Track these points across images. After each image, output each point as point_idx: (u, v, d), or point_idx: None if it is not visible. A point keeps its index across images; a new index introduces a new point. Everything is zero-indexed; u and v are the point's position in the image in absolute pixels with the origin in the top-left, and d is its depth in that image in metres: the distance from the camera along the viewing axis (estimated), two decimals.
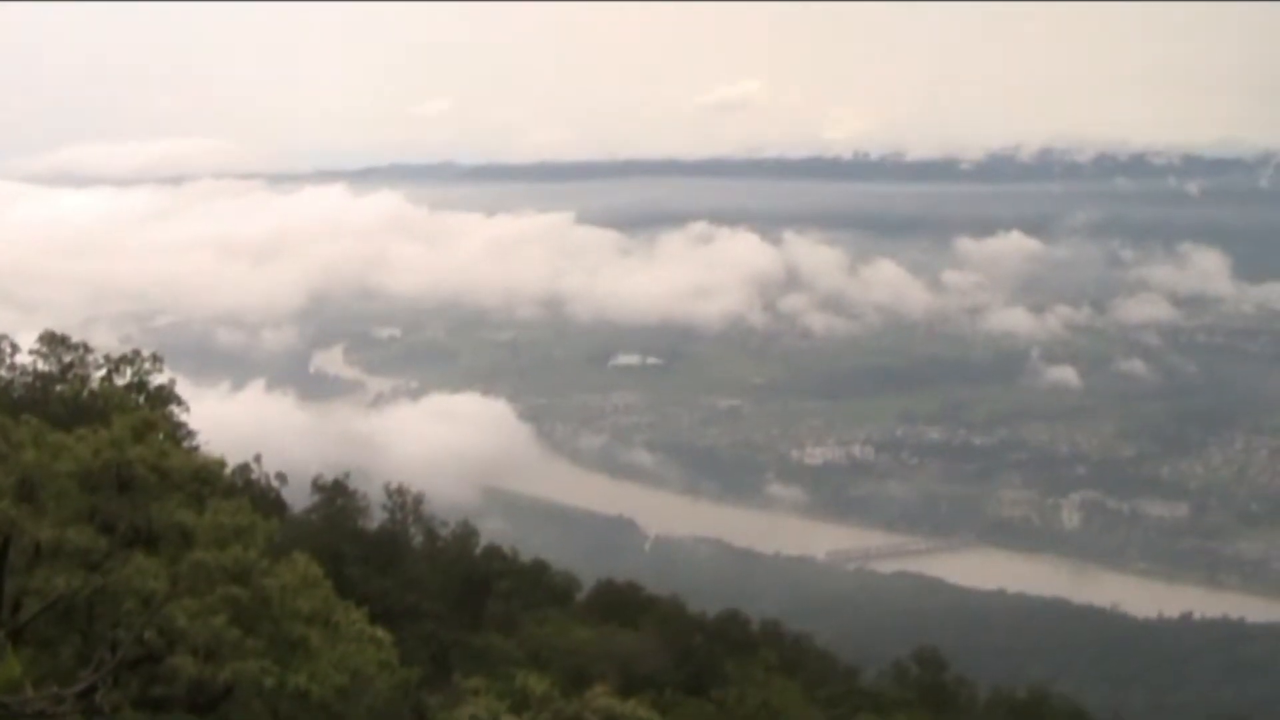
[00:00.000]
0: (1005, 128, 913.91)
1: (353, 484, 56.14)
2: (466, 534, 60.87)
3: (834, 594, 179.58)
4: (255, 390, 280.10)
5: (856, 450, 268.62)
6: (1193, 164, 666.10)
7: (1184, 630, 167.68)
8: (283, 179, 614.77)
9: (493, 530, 76.87)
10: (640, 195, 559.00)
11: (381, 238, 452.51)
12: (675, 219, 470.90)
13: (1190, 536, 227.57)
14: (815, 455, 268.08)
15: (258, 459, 50.01)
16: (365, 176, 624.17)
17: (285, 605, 24.10)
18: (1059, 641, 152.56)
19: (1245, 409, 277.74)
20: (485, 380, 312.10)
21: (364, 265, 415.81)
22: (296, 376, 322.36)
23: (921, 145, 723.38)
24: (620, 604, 61.39)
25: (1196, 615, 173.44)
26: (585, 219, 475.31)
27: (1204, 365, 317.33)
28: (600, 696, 31.21)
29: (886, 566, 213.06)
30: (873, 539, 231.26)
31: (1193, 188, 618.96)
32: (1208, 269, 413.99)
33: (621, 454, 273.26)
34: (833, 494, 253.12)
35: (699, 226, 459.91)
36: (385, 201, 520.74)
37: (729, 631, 59.40)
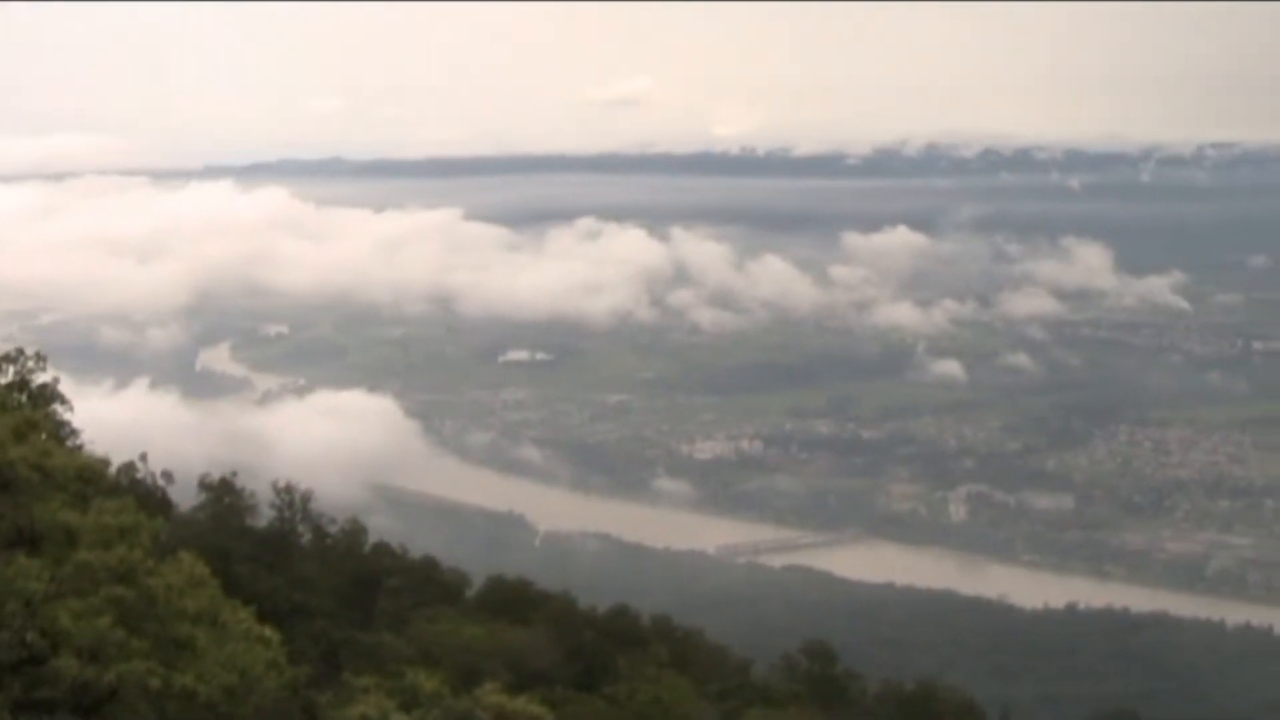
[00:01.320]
0: (892, 124, 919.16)
1: (240, 482, 55.55)
2: (355, 531, 60.48)
3: (724, 588, 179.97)
4: (140, 388, 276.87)
5: (746, 445, 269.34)
6: (1076, 159, 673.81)
7: (1070, 621, 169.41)
8: (170, 175, 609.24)
9: (381, 528, 76.38)
10: (529, 191, 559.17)
11: (269, 234, 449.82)
12: (564, 215, 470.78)
13: (1076, 528, 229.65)
14: (705, 450, 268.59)
15: (143, 458, 49.37)
16: (253, 173, 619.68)
17: (171, 605, 23.85)
18: (947, 633, 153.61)
19: (1129, 401, 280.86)
20: (374, 377, 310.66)
21: (251, 262, 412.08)
22: (182, 374, 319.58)
23: (809, 141, 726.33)
24: (511, 600, 61.18)
25: (1082, 606, 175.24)
26: (474, 215, 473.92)
27: (1088, 358, 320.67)
28: (491, 693, 31.15)
29: (776, 560, 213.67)
30: (762, 533, 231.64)
31: (1076, 183, 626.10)
32: (1091, 263, 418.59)
33: (511, 450, 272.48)
34: (722, 488, 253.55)
35: (587, 222, 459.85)
36: (273, 198, 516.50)
37: (619, 627, 59.32)
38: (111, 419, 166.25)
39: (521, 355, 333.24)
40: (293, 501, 57.01)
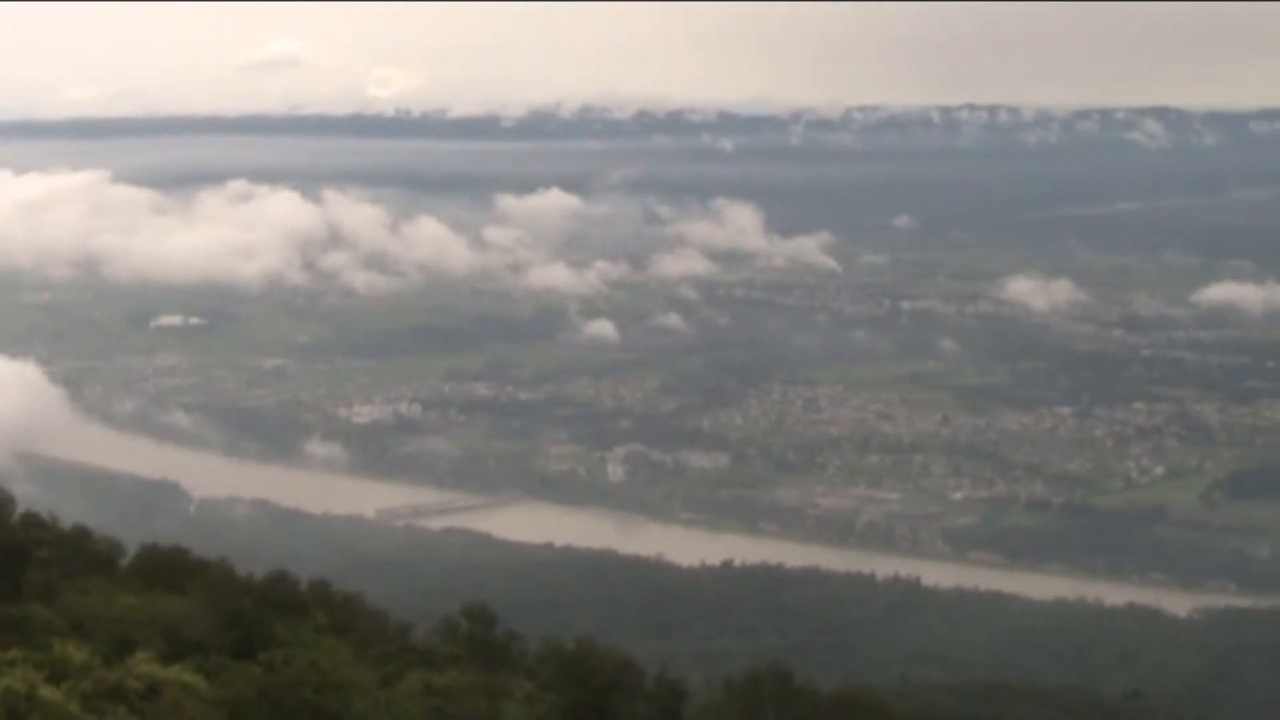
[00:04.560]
0: (547, 86, 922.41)
1: None
2: (0, 501, 58.49)
3: (384, 552, 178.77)
4: None
5: (404, 408, 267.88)
6: (728, 122, 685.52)
7: (726, 577, 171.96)
8: None
9: (29, 497, 73.88)
10: (178, 153, 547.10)
11: None
12: (214, 177, 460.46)
13: (731, 486, 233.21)
14: (362, 414, 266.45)
15: None
16: None
17: None
18: (607, 592, 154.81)
19: (781, 361, 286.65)
20: (19, 344, 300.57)
21: None
22: None
23: (464, 103, 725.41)
24: (166, 569, 59.74)
25: (738, 562, 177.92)
26: (121, 178, 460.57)
27: (740, 318, 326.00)
28: (143, 663, 30.43)
29: (436, 523, 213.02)
30: (421, 496, 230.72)
31: (728, 145, 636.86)
32: (742, 224, 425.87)
33: (164, 416, 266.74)
34: (380, 452, 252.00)
35: (238, 185, 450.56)
36: None
37: (277, 593, 58.42)
38: None
39: (174, 320, 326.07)
40: None
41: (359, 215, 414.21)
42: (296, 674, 33.82)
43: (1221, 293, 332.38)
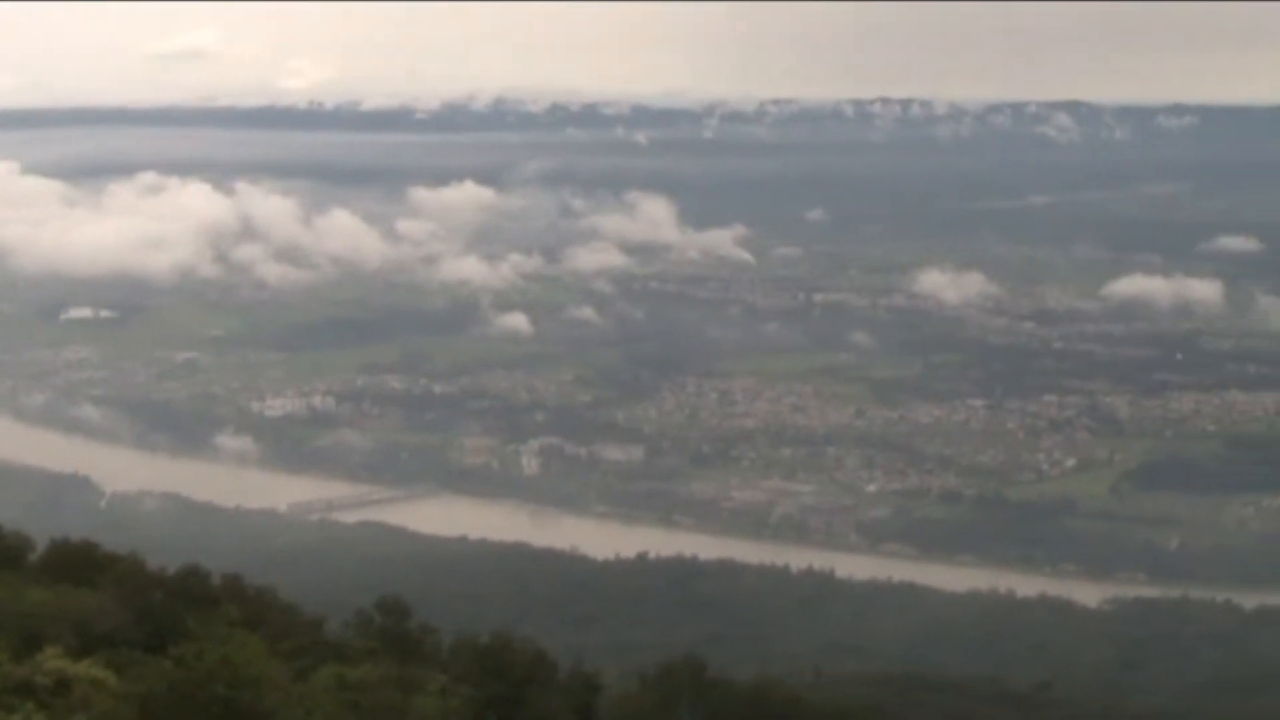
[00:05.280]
0: (461, 78, 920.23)
1: None
2: None
3: (297, 546, 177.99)
4: None
5: (317, 401, 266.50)
6: (642, 115, 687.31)
7: (641, 569, 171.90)
8: None
9: None
10: (88, 145, 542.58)
11: None
12: (124, 169, 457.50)
13: (646, 479, 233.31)
14: (275, 407, 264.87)
15: None
16: None
17: None
18: (521, 585, 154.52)
19: (695, 353, 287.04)
20: None
21: None
22: None
23: (378, 95, 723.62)
24: (76, 563, 59.18)
25: (652, 555, 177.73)
26: (31, 169, 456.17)
27: (655, 311, 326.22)
28: (51, 658, 30.20)
29: (349, 517, 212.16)
30: (336, 490, 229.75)
31: (642, 138, 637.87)
32: (656, 217, 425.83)
33: (74, 410, 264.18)
34: (294, 445, 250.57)
35: (149, 177, 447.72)
36: None
37: (190, 587, 57.94)
38: None
39: (84, 313, 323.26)
40: None
41: (271, 207, 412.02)
42: (208, 668, 33.57)
43: (1131, 286, 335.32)
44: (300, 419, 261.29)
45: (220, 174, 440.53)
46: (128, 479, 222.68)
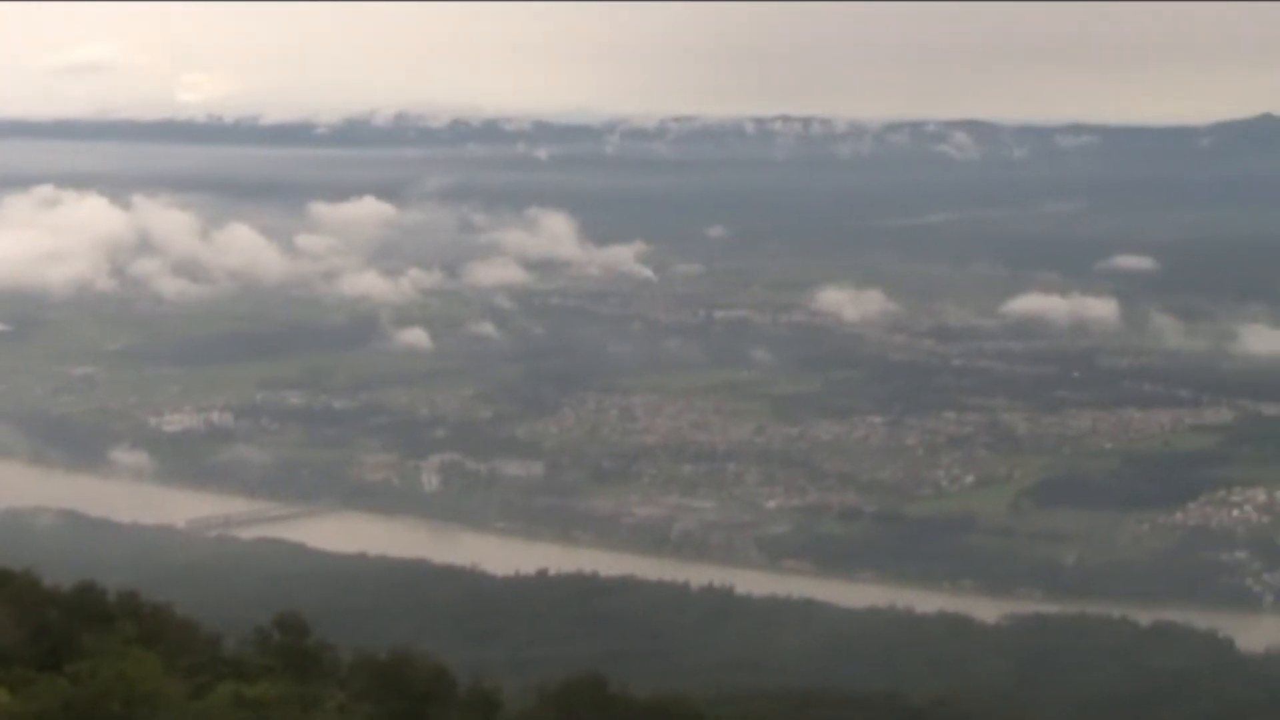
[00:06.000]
0: (362, 93, 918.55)
1: None
2: None
3: (195, 562, 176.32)
4: None
5: (215, 416, 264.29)
6: (544, 131, 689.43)
7: (541, 586, 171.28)
8: None
9: None
10: None
11: None
12: (20, 182, 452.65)
13: (546, 495, 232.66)
14: (174, 422, 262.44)
15: None
16: None
17: None
18: (421, 602, 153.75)
19: (596, 369, 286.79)
20: None
21: None
22: None
23: (278, 109, 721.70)
24: None
25: (552, 571, 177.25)
26: None
27: (555, 327, 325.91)
28: None
29: (248, 533, 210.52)
30: (234, 505, 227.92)
31: (543, 153, 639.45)
32: (557, 233, 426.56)
33: None
34: (192, 461, 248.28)
35: (45, 190, 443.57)
36: None
37: (85, 604, 57.44)
38: None
39: None
40: None
41: (170, 221, 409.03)
42: (104, 685, 33.30)
43: (1029, 304, 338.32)
44: (198, 434, 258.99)
45: (118, 188, 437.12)
46: (22, 494, 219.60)
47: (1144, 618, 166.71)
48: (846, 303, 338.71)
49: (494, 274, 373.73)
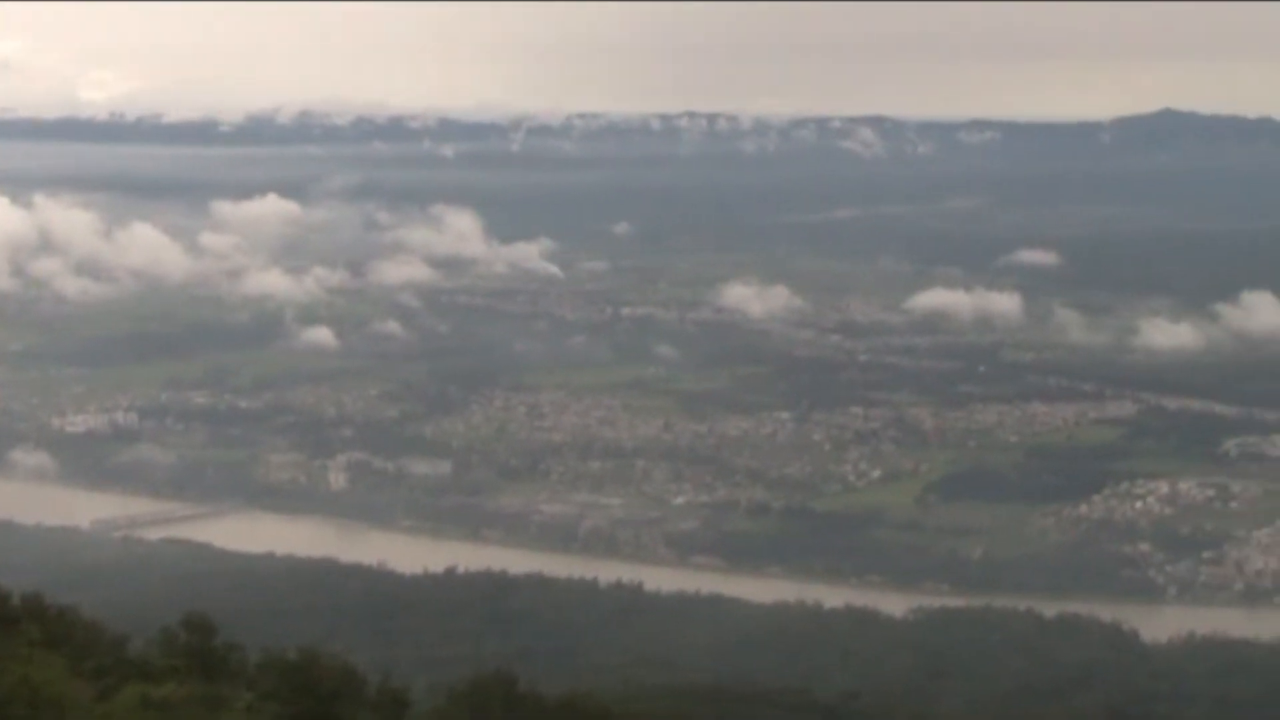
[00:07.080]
0: (265, 91, 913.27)
1: None
2: None
3: (100, 563, 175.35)
4: None
5: (120, 417, 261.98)
6: (449, 128, 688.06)
7: (449, 584, 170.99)
8: None
9: None
10: None
11: None
12: None
13: (453, 493, 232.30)
14: (77, 423, 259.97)
15: None
16: None
17: None
18: (329, 601, 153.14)
19: (503, 367, 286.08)
20: None
21: None
22: None
23: (181, 108, 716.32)
24: None
25: (461, 569, 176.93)
26: None
27: (461, 325, 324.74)
28: None
29: (154, 533, 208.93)
30: (139, 506, 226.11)
31: (448, 151, 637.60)
32: (462, 230, 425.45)
33: None
34: (96, 462, 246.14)
35: None
36: None
37: None
38: None
39: None
40: None
41: (71, 220, 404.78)
42: (8, 690, 32.96)
43: (934, 299, 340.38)
44: (102, 435, 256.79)
45: (18, 186, 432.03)
46: None
47: (1049, 610, 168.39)
48: (753, 299, 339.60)
49: (399, 272, 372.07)
